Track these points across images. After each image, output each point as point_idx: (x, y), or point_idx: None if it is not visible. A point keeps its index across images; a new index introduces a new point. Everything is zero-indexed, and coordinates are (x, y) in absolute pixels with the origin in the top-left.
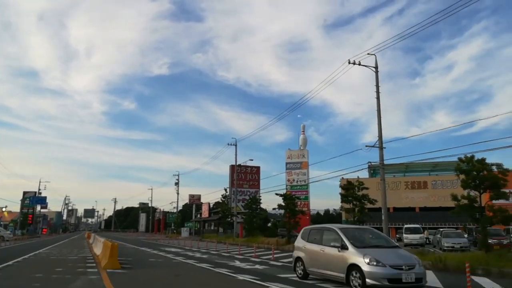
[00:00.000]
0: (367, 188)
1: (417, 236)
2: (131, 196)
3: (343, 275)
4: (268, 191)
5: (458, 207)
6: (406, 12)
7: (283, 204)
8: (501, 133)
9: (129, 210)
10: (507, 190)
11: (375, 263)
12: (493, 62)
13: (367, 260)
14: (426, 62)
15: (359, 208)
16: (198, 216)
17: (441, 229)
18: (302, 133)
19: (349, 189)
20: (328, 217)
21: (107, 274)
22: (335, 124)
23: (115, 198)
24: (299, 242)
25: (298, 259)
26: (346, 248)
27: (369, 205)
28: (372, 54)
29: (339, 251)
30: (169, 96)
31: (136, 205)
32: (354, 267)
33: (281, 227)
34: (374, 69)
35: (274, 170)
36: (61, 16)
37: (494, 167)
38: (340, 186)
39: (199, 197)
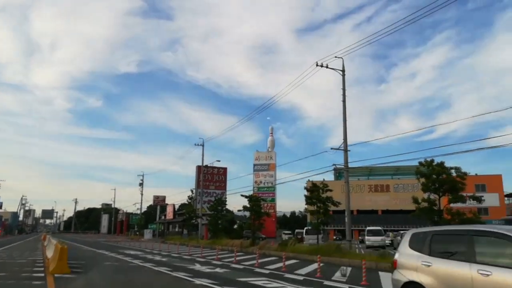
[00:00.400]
0: (331, 190)
1: (378, 238)
2: (93, 196)
3: None
4: (235, 192)
5: (418, 210)
6: (374, 20)
7: (248, 205)
8: (459, 139)
9: (90, 211)
10: (465, 194)
11: None
12: (454, 71)
13: None
14: (392, 69)
15: (323, 210)
16: (163, 217)
17: (402, 232)
18: (270, 135)
19: (314, 191)
20: (295, 219)
21: (53, 279)
22: (304, 127)
23: (76, 199)
24: (409, 255)
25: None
26: None
27: (333, 208)
28: (339, 58)
29: None
30: (137, 95)
31: (99, 206)
32: None
33: (247, 229)
34: (341, 72)
35: (243, 171)
36: (24, 8)
37: (453, 171)
38: (305, 188)
39: (164, 198)
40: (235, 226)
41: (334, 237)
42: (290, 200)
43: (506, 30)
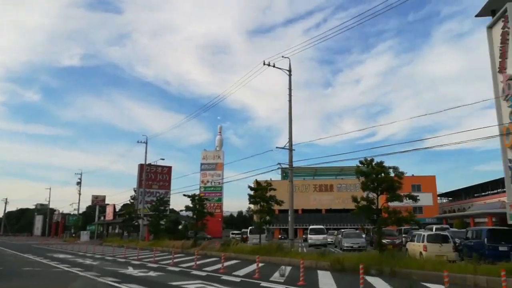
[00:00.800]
0: (275, 189)
1: (320, 236)
2: (27, 196)
3: None
4: (182, 192)
5: (357, 209)
6: (323, 26)
7: (191, 205)
8: (398, 142)
9: (23, 212)
10: (402, 194)
11: None
12: (394, 78)
13: None
14: (338, 75)
15: (266, 209)
16: (102, 218)
17: (342, 230)
18: (219, 134)
19: (257, 190)
20: (242, 218)
21: None
22: (254, 128)
23: (6, 199)
24: None
25: None
26: None
27: (279, 207)
28: (286, 57)
29: None
30: (80, 89)
31: (32, 207)
32: None
33: (192, 229)
34: (287, 72)
35: (192, 171)
36: None
37: (391, 170)
38: (249, 187)
39: (103, 198)
40: (180, 227)
41: (280, 236)
42: (238, 200)
43: (442, 41)
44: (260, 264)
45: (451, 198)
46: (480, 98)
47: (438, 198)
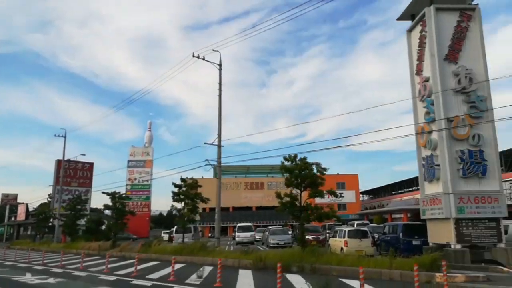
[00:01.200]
0: (200, 186)
1: (248, 234)
2: None
3: None
4: (105, 189)
5: (281, 205)
6: (259, 26)
7: (110, 204)
8: (327, 142)
9: None
10: (325, 191)
11: None
12: (325, 82)
13: None
14: (272, 76)
15: (191, 207)
16: (13, 219)
17: (270, 227)
18: (148, 129)
19: (181, 187)
20: (172, 217)
21: None
22: (188, 125)
23: None
24: None
25: None
26: None
27: (210, 205)
28: (216, 51)
29: None
30: None
31: None
32: None
33: (112, 229)
34: (218, 66)
35: (119, 168)
36: None
37: (314, 166)
38: (173, 184)
39: (15, 196)
40: (103, 227)
41: (209, 235)
42: (168, 198)
43: (369, 48)
44: (181, 265)
45: (372, 196)
46: (401, 102)
47: (360, 195)
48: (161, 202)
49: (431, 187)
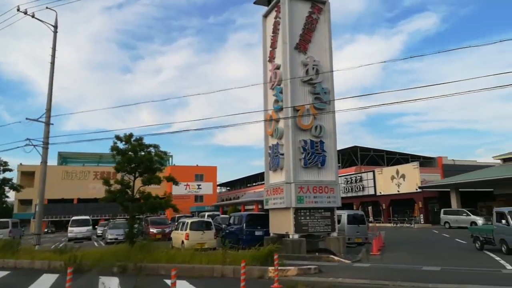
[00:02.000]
0: (10, 170)
1: (84, 228)
2: None
3: None
4: None
5: (109, 193)
6: (125, 8)
7: None
8: (192, 135)
9: None
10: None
11: None
12: (192, 75)
13: None
14: (138, 62)
15: None
16: None
17: (111, 220)
18: None
19: None
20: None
21: None
22: (37, 105)
23: None
24: None
25: None
26: None
27: (53, 196)
28: (52, 10)
29: None
30: None
31: None
32: None
33: None
34: (52, 27)
35: None
36: None
37: (152, 149)
38: None
39: None
40: None
41: (46, 230)
42: None
43: (235, 47)
44: None
45: (229, 188)
46: (261, 101)
47: (218, 187)
48: None
49: (275, 176)
